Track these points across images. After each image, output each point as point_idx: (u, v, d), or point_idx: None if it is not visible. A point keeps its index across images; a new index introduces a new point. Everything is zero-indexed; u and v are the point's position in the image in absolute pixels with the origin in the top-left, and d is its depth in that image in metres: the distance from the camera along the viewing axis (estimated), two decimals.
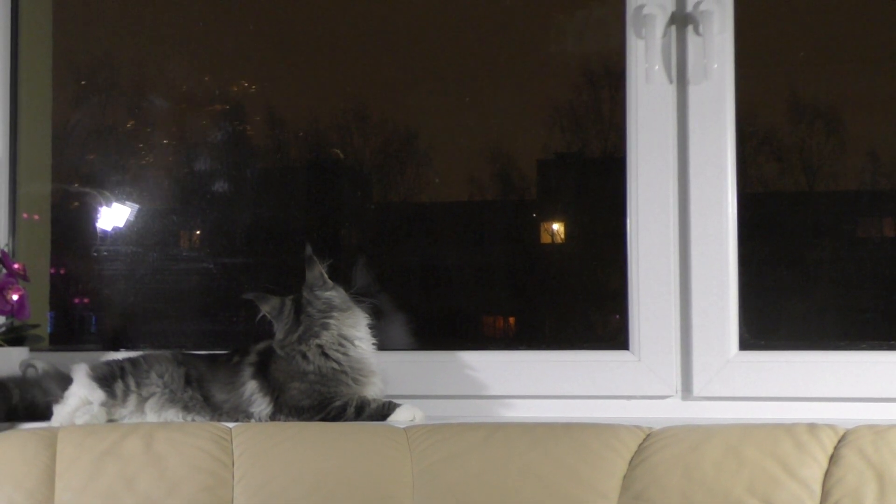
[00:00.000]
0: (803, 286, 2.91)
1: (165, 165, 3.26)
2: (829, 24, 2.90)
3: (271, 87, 3.26)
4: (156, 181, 3.22)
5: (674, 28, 2.71)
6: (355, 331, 2.61)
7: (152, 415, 2.60)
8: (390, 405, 2.56)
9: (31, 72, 3.13)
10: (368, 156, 3.23)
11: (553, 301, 3.09)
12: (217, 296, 3.10)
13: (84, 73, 3.31)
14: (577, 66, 3.04)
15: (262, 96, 3.27)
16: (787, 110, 2.95)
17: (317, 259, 2.62)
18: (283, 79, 3.24)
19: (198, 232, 3.22)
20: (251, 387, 2.59)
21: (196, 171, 3.24)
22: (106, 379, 2.61)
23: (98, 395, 2.60)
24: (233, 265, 3.13)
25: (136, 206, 3.17)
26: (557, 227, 3.15)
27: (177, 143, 3.29)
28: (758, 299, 2.74)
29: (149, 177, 3.22)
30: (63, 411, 2.59)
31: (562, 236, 3.14)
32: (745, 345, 2.68)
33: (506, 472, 2.36)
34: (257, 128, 3.27)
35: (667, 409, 2.68)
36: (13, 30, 3.08)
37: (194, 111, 3.27)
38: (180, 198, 3.23)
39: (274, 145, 3.27)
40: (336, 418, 2.54)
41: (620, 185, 2.75)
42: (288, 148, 3.27)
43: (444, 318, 3.13)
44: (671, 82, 2.71)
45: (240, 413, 2.59)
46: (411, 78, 3.18)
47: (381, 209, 3.25)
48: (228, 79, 3.26)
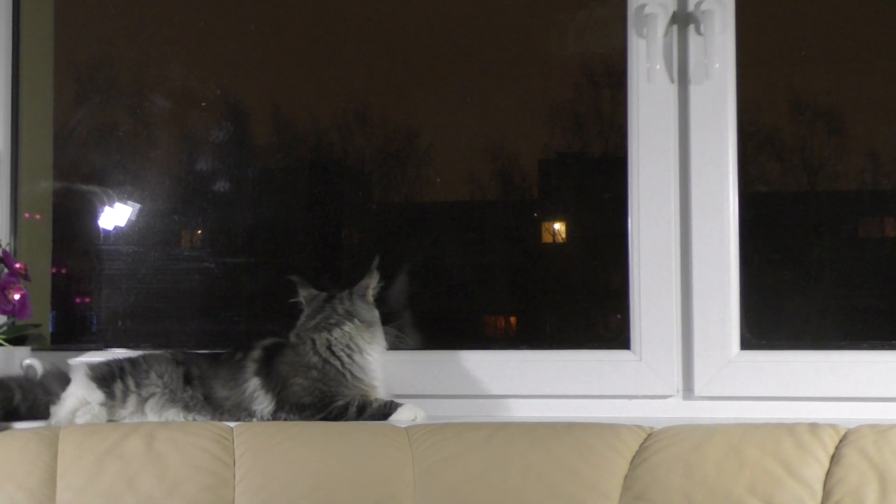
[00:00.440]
0: (804, 286, 2.91)
1: (167, 165, 3.26)
2: (831, 23, 2.90)
3: (272, 87, 3.26)
4: (157, 180, 3.22)
5: (675, 27, 2.71)
6: (369, 345, 2.63)
7: (153, 415, 2.60)
8: (392, 405, 2.56)
9: (32, 71, 3.13)
10: (369, 155, 3.23)
11: (554, 301, 3.09)
12: (218, 295, 3.10)
13: (85, 72, 3.31)
14: (578, 66, 3.04)
15: (264, 96, 3.27)
16: (789, 110, 2.95)
17: (378, 274, 2.66)
18: (284, 78, 3.24)
19: (199, 231, 3.22)
20: (254, 384, 2.59)
21: (197, 170, 3.24)
22: (105, 379, 2.61)
23: (97, 395, 2.60)
24: (234, 265, 3.13)
25: (138, 205, 3.17)
26: (559, 226, 3.15)
27: (178, 143, 3.29)
28: (759, 299, 2.74)
29: (150, 176, 3.22)
30: (60, 412, 2.59)
31: (563, 236, 3.14)
32: (747, 344, 2.68)
33: (507, 472, 2.36)
34: (258, 127, 3.27)
35: (668, 409, 2.68)
36: (14, 29, 3.08)
37: (195, 110, 3.27)
38: (182, 197, 3.23)
39: (275, 145, 3.27)
40: (338, 418, 2.54)
41: (622, 185, 2.75)
42: (289, 148, 3.27)
43: (446, 318, 3.13)
44: (672, 82, 2.71)
45: (241, 411, 2.58)
46: (412, 77, 3.18)
47: (383, 209, 3.25)
48: (230, 78, 3.26)
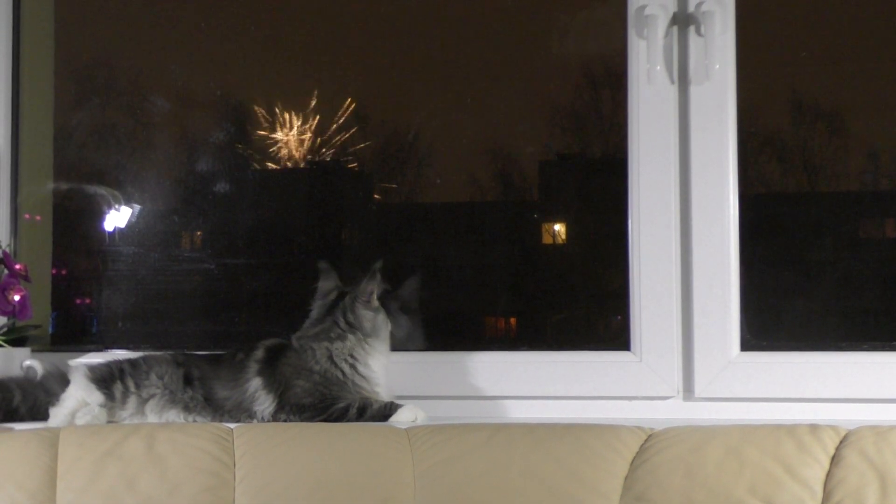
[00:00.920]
0: (805, 287, 2.91)
1: (167, 166, 3.26)
2: (831, 24, 2.90)
3: (272, 88, 3.26)
4: (157, 182, 3.22)
5: (675, 29, 2.71)
6: (371, 354, 2.62)
7: (153, 416, 2.59)
8: (392, 406, 2.56)
9: (32, 72, 3.13)
10: (369, 156, 3.23)
11: (554, 302, 3.09)
12: (219, 296, 3.10)
13: (85, 73, 3.31)
14: (578, 67, 3.04)
15: (264, 97, 3.27)
16: (789, 111, 2.95)
17: (380, 278, 2.62)
18: (283, 79, 3.24)
19: (199, 233, 3.22)
20: (255, 383, 2.59)
21: (197, 171, 3.24)
22: (105, 380, 2.61)
23: (96, 396, 2.59)
24: (234, 266, 3.13)
25: (138, 206, 3.17)
26: (559, 227, 3.15)
27: (178, 144, 3.29)
28: (759, 300, 2.74)
29: (150, 177, 3.22)
30: (60, 413, 2.59)
31: (563, 237, 3.14)
32: (747, 345, 2.68)
33: (507, 473, 2.36)
34: (258, 128, 3.27)
35: (668, 410, 2.68)
36: (15, 30, 3.08)
37: (195, 111, 3.27)
38: (182, 198, 3.23)
39: (275, 145, 3.27)
40: (338, 419, 2.54)
41: (622, 186, 2.75)
42: (289, 148, 3.27)
43: (446, 319, 3.13)
44: (673, 83, 2.71)
45: (242, 411, 2.58)
46: (412, 78, 3.18)
47: (383, 210, 3.25)
48: (230, 79, 3.26)
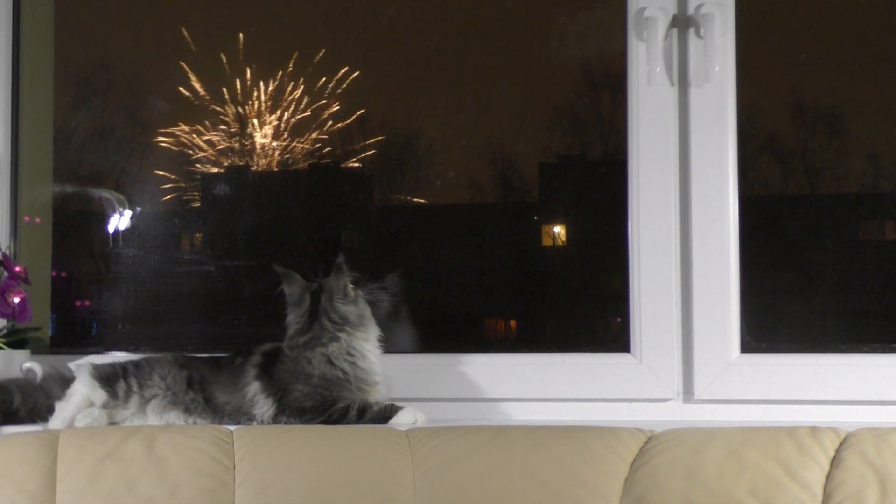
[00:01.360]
0: (805, 289, 2.91)
1: (167, 168, 3.26)
2: (831, 26, 2.90)
3: (272, 90, 3.26)
4: (157, 184, 3.22)
5: (675, 31, 2.71)
6: (366, 344, 2.61)
7: (154, 416, 2.59)
8: (392, 408, 2.56)
9: (32, 75, 3.13)
10: (369, 158, 3.23)
11: (554, 304, 3.09)
12: (218, 298, 3.10)
13: (85, 75, 3.31)
14: (578, 69, 3.04)
15: (264, 99, 3.27)
16: (789, 113, 2.95)
17: (346, 269, 2.60)
18: (283, 81, 3.24)
19: (199, 235, 3.22)
20: (254, 388, 2.59)
21: (197, 173, 3.24)
22: (108, 379, 2.61)
23: (100, 394, 2.59)
24: (234, 268, 3.13)
25: (138, 208, 3.17)
26: (559, 229, 3.15)
27: (178, 146, 3.29)
28: (759, 302, 2.74)
29: (150, 179, 3.22)
30: (66, 408, 2.58)
31: (563, 239, 3.14)
32: (747, 347, 2.68)
33: (507, 475, 2.36)
34: (259, 130, 3.27)
35: (668, 412, 2.68)
36: (15, 32, 3.08)
37: (195, 114, 3.27)
38: (182, 200, 3.23)
39: (275, 148, 3.27)
40: (338, 421, 2.54)
41: (622, 188, 2.75)
42: (289, 150, 3.27)
43: (446, 321, 3.13)
44: (672, 85, 2.71)
45: (242, 415, 2.58)
46: (412, 80, 3.18)
47: (382, 212, 3.25)
48: (229, 81, 3.26)
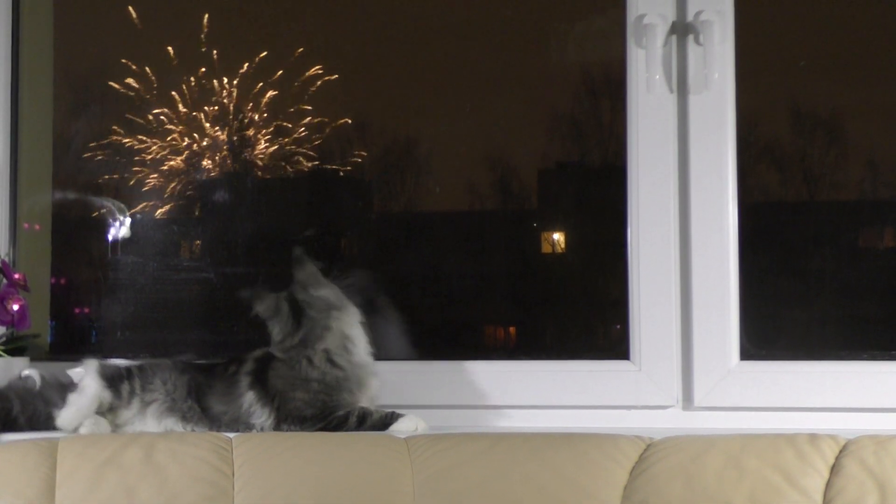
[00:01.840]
0: (804, 296, 2.91)
1: (166, 175, 3.26)
2: (830, 33, 2.90)
3: (271, 96, 3.26)
4: (156, 190, 3.22)
5: (674, 38, 2.71)
6: (353, 330, 2.60)
7: (153, 421, 2.59)
8: (393, 415, 2.55)
9: (31, 82, 3.13)
10: (369, 165, 3.23)
11: (554, 311, 3.09)
12: (218, 305, 3.10)
13: (84, 82, 3.31)
14: (577, 76, 3.04)
15: (263, 105, 3.27)
16: (788, 120, 2.95)
17: (308, 259, 2.60)
18: (283, 88, 3.25)
19: (198, 242, 3.23)
20: (249, 398, 2.58)
21: (197, 180, 3.24)
22: (113, 379, 2.61)
23: (105, 394, 2.59)
24: (233, 275, 3.13)
25: (137, 215, 3.17)
26: (558, 236, 3.15)
27: (177, 153, 3.29)
28: (759, 309, 2.74)
29: (149, 186, 3.23)
30: (80, 401, 2.56)
31: (562, 246, 3.14)
32: (746, 355, 2.68)
33: (507, 483, 2.36)
34: (258, 137, 3.27)
35: (667, 419, 2.68)
36: (14, 39, 3.08)
37: (195, 120, 3.28)
38: (181, 207, 3.24)
39: (274, 154, 3.28)
40: (338, 428, 2.53)
41: (621, 195, 2.75)
42: (289, 157, 3.27)
43: (445, 328, 3.13)
44: (672, 92, 2.71)
45: (240, 424, 2.57)
46: (411, 87, 3.18)
47: (382, 219, 3.25)
48: (229, 88, 3.26)
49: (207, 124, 3.27)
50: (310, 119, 3.22)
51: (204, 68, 3.26)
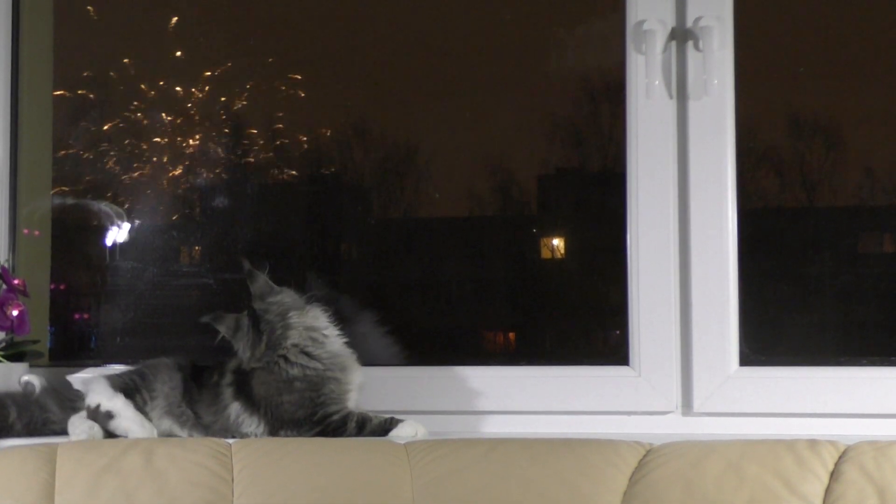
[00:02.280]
0: (804, 301, 2.91)
1: (166, 180, 3.26)
2: (829, 40, 2.91)
3: (271, 102, 3.27)
4: (156, 196, 3.22)
5: (674, 44, 2.71)
6: (318, 322, 2.60)
7: (155, 421, 2.60)
8: (392, 421, 2.55)
9: (31, 87, 3.13)
10: (368, 171, 3.23)
11: (553, 316, 3.09)
12: (217, 311, 3.09)
13: (84, 88, 3.32)
14: (577, 81, 3.05)
15: (263, 111, 3.27)
16: (787, 126, 2.95)
17: (257, 270, 2.60)
18: (283, 93, 3.25)
19: (198, 247, 3.23)
20: (235, 409, 2.57)
21: (196, 186, 3.24)
22: (128, 390, 2.60)
23: (124, 402, 2.59)
24: (233, 281, 3.12)
25: (137, 221, 3.17)
26: (557, 242, 3.15)
27: (177, 158, 3.29)
28: (758, 315, 2.74)
29: (149, 192, 3.23)
30: (130, 424, 2.57)
31: (562, 251, 3.14)
32: (746, 360, 2.68)
33: (506, 488, 2.36)
34: (257, 143, 3.27)
35: (667, 425, 2.68)
36: (14, 45, 3.08)
37: (195, 126, 3.28)
38: (181, 213, 3.24)
39: (274, 160, 3.28)
40: (336, 432, 2.53)
41: (620, 200, 2.75)
42: (288, 163, 3.27)
43: (444, 334, 3.13)
44: (671, 98, 2.71)
45: (231, 434, 2.57)
46: (411, 93, 3.18)
47: (381, 224, 3.25)
48: (228, 93, 3.26)
49: (209, 129, 3.28)
50: (309, 124, 3.23)
51: (207, 73, 3.26)
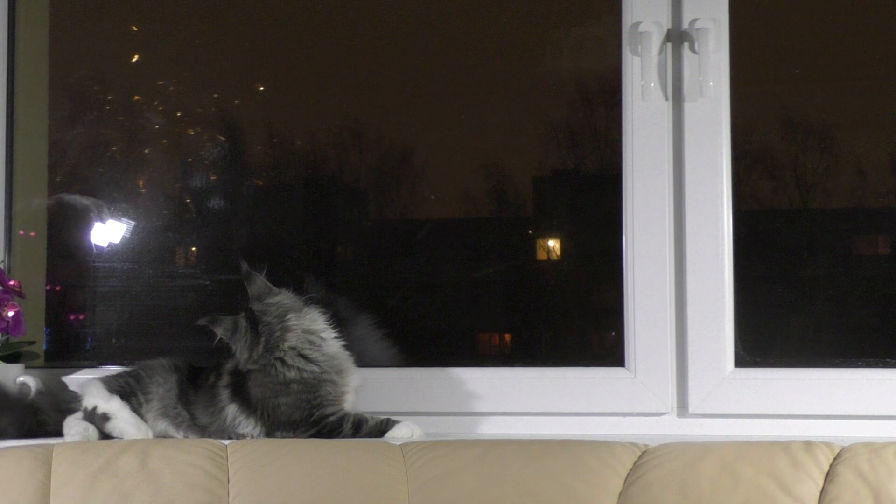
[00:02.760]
0: (799, 303, 2.91)
1: (161, 182, 3.26)
2: (824, 42, 2.91)
3: (267, 104, 3.26)
4: (151, 198, 3.22)
5: (670, 45, 2.72)
6: (316, 325, 2.60)
7: (151, 422, 2.59)
8: (388, 422, 2.55)
9: (27, 89, 3.13)
10: (364, 172, 3.23)
11: (549, 318, 3.09)
12: (213, 313, 3.09)
13: (80, 89, 3.31)
14: (572, 83, 3.05)
15: (259, 113, 3.27)
16: (782, 128, 2.95)
17: (255, 271, 2.61)
18: (279, 95, 3.25)
19: (194, 249, 3.22)
20: (232, 410, 2.57)
21: (192, 187, 3.24)
22: (124, 393, 2.60)
23: (120, 404, 2.59)
24: (229, 282, 3.12)
25: (132, 222, 3.17)
26: (553, 244, 3.15)
27: (173, 160, 3.29)
28: (753, 316, 2.75)
29: (144, 193, 3.22)
30: (127, 425, 2.57)
31: (557, 253, 3.14)
32: (741, 362, 2.68)
33: (502, 490, 2.36)
34: (253, 144, 3.27)
35: (662, 427, 2.68)
36: (10, 46, 3.08)
37: (191, 128, 3.28)
38: (176, 214, 3.23)
39: (270, 162, 3.28)
40: (332, 433, 2.53)
41: (616, 202, 2.76)
42: (284, 165, 3.27)
43: (440, 335, 3.13)
44: (667, 100, 2.71)
45: (226, 435, 2.57)
46: (407, 95, 3.18)
47: (377, 226, 3.25)
48: (224, 95, 3.26)
49: (205, 130, 3.27)
50: (305, 126, 3.23)
51: (204, 74, 3.26)
